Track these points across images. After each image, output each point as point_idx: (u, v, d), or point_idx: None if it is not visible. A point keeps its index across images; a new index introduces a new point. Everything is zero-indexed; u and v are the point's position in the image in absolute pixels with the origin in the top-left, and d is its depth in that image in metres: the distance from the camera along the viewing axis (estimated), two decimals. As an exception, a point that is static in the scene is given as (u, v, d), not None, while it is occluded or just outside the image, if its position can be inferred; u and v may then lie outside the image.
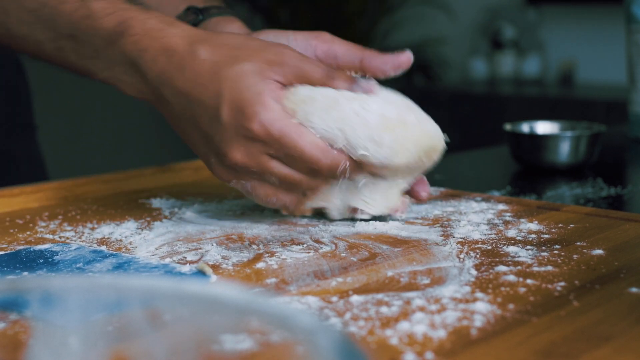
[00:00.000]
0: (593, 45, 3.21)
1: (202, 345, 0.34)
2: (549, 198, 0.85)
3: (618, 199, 0.84)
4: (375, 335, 0.44)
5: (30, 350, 0.37)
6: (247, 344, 0.36)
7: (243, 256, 0.61)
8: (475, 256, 0.59)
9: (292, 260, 0.59)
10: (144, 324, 0.33)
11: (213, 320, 0.33)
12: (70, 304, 0.34)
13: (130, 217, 0.73)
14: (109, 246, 0.64)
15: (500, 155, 1.15)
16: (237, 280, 0.55)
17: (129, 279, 0.34)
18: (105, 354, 0.34)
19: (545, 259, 0.58)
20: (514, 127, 1.05)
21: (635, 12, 1.22)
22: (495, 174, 1.06)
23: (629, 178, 1.07)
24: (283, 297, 0.51)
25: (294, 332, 0.31)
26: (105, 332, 0.34)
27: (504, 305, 0.49)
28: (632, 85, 1.25)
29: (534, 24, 3.34)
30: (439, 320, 0.46)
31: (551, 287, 0.52)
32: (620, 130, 1.34)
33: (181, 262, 0.59)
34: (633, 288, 0.52)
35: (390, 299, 0.50)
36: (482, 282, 0.53)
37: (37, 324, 0.36)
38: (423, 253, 0.60)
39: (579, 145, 0.98)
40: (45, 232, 0.68)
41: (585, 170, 0.99)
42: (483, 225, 0.68)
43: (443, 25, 3.49)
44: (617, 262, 0.57)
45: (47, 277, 0.34)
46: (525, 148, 1.00)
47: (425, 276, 0.55)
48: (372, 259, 0.59)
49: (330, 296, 0.51)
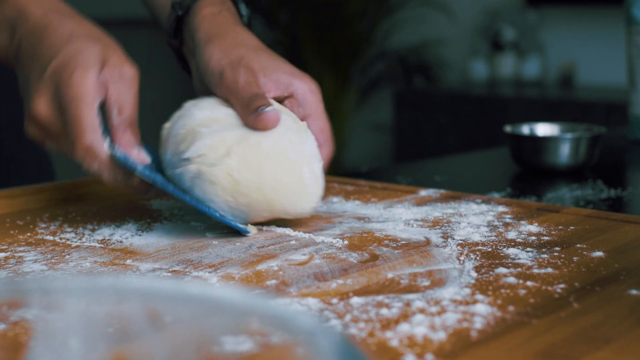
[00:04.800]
0: (593, 47, 3.21)
1: (202, 347, 0.34)
2: (549, 200, 0.85)
3: (618, 201, 0.84)
4: (376, 337, 0.44)
5: (30, 352, 0.37)
6: (247, 345, 0.36)
7: (244, 258, 0.61)
8: (476, 258, 0.59)
9: (292, 262, 0.59)
10: (145, 325, 0.33)
11: (213, 321, 0.33)
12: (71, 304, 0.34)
13: (130, 219, 0.73)
14: (109, 247, 0.64)
15: (500, 157, 1.15)
16: (237, 282, 0.55)
17: (129, 280, 0.34)
18: (106, 356, 0.34)
19: (546, 260, 0.58)
20: (514, 128, 1.05)
21: (635, 14, 1.22)
22: (495, 176, 1.06)
23: (629, 180, 1.07)
24: (283, 299, 0.51)
25: (294, 334, 0.31)
26: (105, 333, 0.34)
27: (504, 307, 0.49)
28: (632, 87, 1.25)
29: (534, 25, 3.34)
30: (439, 322, 0.46)
31: (551, 289, 0.52)
32: (620, 132, 1.34)
33: (182, 262, 0.59)
34: (633, 290, 0.52)
35: (391, 300, 0.50)
36: (482, 284, 0.53)
37: (38, 325, 0.36)
38: (423, 255, 0.60)
39: (579, 147, 0.98)
40: (45, 234, 0.68)
41: (586, 172, 0.99)
42: (483, 227, 0.68)
43: (443, 26, 3.49)
44: (617, 264, 0.57)
45: (48, 278, 0.34)
46: (525, 150, 1.00)
47: (426, 278, 0.55)
48: (373, 260, 0.59)
49: (330, 298, 0.51)
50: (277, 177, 0.65)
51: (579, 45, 3.26)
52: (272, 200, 0.66)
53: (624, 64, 1.38)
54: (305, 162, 0.67)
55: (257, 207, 0.66)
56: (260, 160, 0.65)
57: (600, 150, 1.01)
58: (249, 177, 0.65)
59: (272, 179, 0.65)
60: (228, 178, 0.65)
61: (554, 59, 3.31)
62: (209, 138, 0.66)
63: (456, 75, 3.54)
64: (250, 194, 0.65)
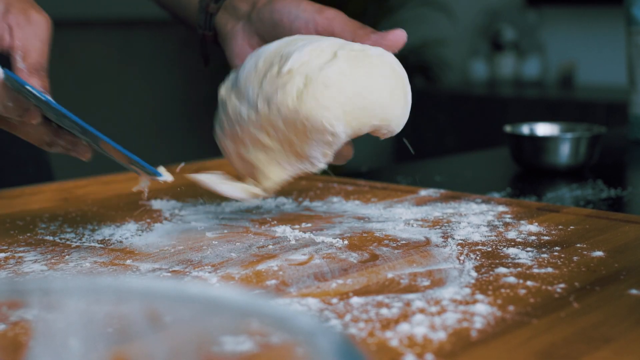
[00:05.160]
0: (593, 47, 3.21)
1: (202, 347, 0.34)
2: (549, 200, 0.85)
3: (618, 201, 0.84)
4: (375, 337, 0.44)
5: (30, 352, 0.37)
6: (247, 345, 0.36)
7: (244, 258, 0.61)
8: (476, 258, 0.59)
9: (292, 262, 0.59)
10: (145, 325, 0.33)
11: (213, 321, 0.33)
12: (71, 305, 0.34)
13: (130, 219, 0.73)
14: (109, 248, 0.64)
15: (500, 156, 1.15)
16: (237, 282, 0.55)
17: (129, 280, 0.34)
18: (106, 356, 0.34)
19: (545, 260, 0.58)
20: (514, 128, 1.05)
21: (635, 14, 1.22)
22: (495, 176, 1.06)
23: (629, 180, 1.07)
24: (283, 299, 0.51)
25: (294, 334, 0.31)
26: (105, 333, 0.34)
27: (504, 307, 0.49)
28: (632, 86, 1.25)
29: (534, 25, 3.34)
30: (439, 322, 0.46)
31: (551, 288, 0.52)
32: (620, 131, 1.34)
33: (182, 262, 0.59)
34: (633, 290, 0.52)
35: (391, 300, 0.50)
36: (482, 283, 0.53)
37: (38, 326, 0.36)
38: (423, 255, 0.60)
39: (579, 147, 0.98)
40: (45, 234, 0.68)
41: (585, 172, 0.99)
42: (483, 227, 0.68)
43: (443, 26, 3.49)
44: (617, 264, 0.57)
45: (47, 278, 0.34)
46: (525, 150, 1.00)
47: (426, 278, 0.55)
48: (372, 260, 0.59)
49: (330, 298, 0.51)
50: (387, 84, 0.63)
51: (579, 45, 3.26)
52: (384, 105, 0.62)
53: (624, 64, 1.38)
54: (407, 81, 0.65)
55: (372, 111, 0.62)
56: (371, 66, 0.62)
57: (600, 150, 1.01)
58: (362, 79, 0.62)
59: (384, 85, 0.62)
60: (342, 79, 0.61)
61: (554, 59, 3.31)
62: (307, 47, 0.62)
63: (456, 75, 3.54)
64: (366, 95, 0.62)
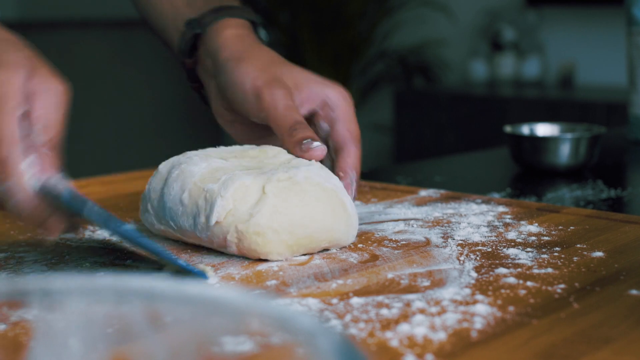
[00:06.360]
0: (593, 47, 3.21)
1: (202, 347, 0.34)
2: (549, 200, 0.85)
3: (618, 201, 0.84)
4: (376, 337, 0.44)
5: (30, 352, 0.37)
6: (247, 345, 0.36)
7: (244, 258, 0.61)
8: (476, 258, 0.59)
9: (292, 262, 0.59)
10: (145, 325, 0.33)
11: (213, 322, 0.33)
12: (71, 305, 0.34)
13: (130, 219, 0.73)
14: (109, 248, 0.64)
15: (500, 157, 1.15)
16: (237, 282, 0.55)
17: (129, 280, 0.34)
18: (106, 356, 0.34)
19: (546, 261, 0.58)
20: (514, 129, 1.05)
21: (635, 14, 1.22)
22: (495, 176, 1.06)
23: (629, 180, 1.07)
24: (283, 299, 0.51)
25: (294, 334, 0.31)
26: (105, 333, 0.34)
27: (504, 308, 0.49)
28: (632, 87, 1.25)
29: (534, 25, 3.34)
30: (439, 322, 0.46)
31: (551, 289, 0.52)
32: (620, 132, 1.34)
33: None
34: (633, 290, 0.52)
35: (391, 301, 0.50)
36: (482, 284, 0.53)
37: (38, 326, 0.36)
38: (423, 255, 0.60)
39: (579, 147, 0.98)
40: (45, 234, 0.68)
41: (585, 172, 0.99)
42: (483, 227, 0.68)
43: (443, 26, 3.49)
44: (617, 264, 0.57)
45: (48, 278, 0.34)
46: (525, 150, 1.00)
47: (426, 278, 0.55)
48: (373, 261, 0.59)
49: (330, 298, 0.51)
50: (323, 206, 0.60)
51: (578, 46, 3.26)
52: (327, 228, 0.60)
53: (624, 64, 1.38)
54: (341, 192, 0.62)
55: (317, 237, 0.60)
56: (302, 193, 0.60)
57: (600, 150, 1.01)
58: (297, 210, 0.59)
59: (321, 209, 0.60)
60: (278, 217, 0.58)
61: (553, 59, 3.31)
62: (229, 189, 0.59)
63: (456, 75, 3.54)
64: (307, 224, 0.60)
